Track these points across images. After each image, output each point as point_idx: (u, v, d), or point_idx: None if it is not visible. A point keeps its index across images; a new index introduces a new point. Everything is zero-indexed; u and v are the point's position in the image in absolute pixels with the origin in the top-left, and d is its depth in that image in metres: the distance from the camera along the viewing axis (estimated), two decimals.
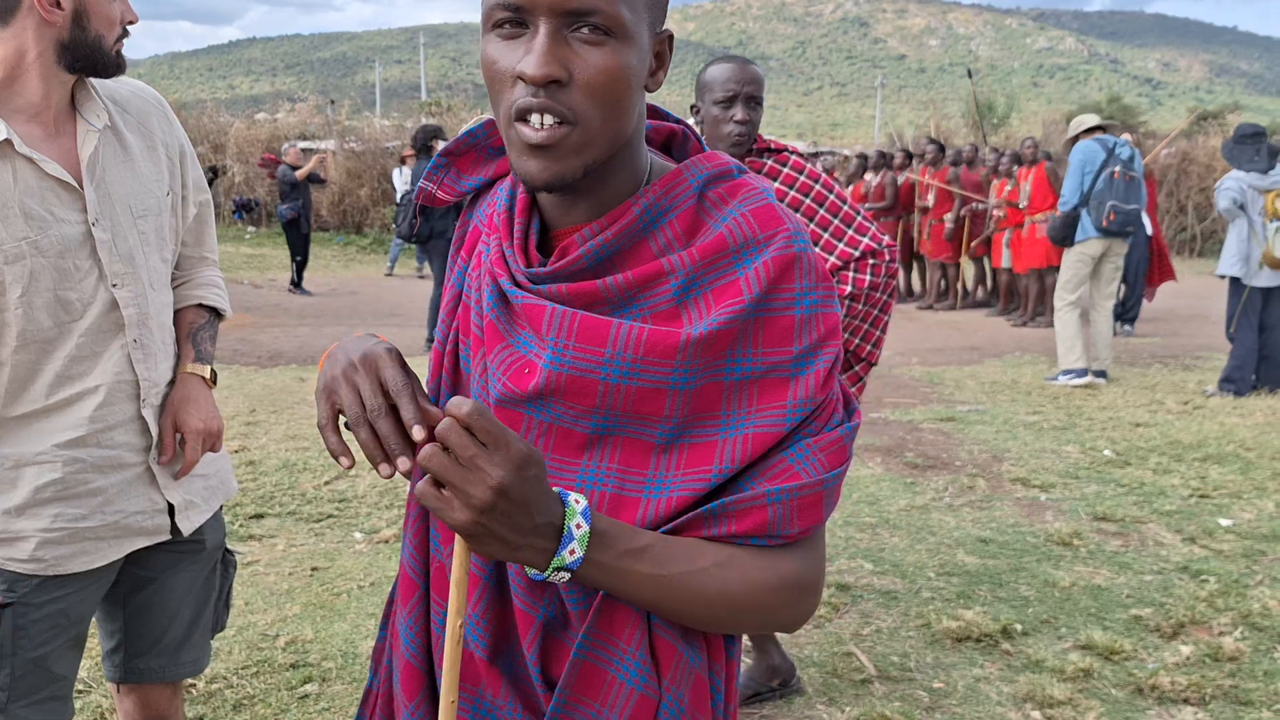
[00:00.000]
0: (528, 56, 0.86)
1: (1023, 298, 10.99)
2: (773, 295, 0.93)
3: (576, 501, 0.88)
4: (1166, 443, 5.69)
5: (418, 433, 0.87)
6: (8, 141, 1.53)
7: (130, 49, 1.72)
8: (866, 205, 12.33)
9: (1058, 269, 10.61)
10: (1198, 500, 4.70)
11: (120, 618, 1.85)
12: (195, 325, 1.88)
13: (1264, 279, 6.82)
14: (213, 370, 1.86)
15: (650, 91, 0.96)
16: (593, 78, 0.87)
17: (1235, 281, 6.97)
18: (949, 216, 11.52)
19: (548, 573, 0.88)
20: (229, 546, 1.99)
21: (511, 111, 0.89)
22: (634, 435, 0.93)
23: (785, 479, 0.92)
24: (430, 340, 7.21)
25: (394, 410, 0.90)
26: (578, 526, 0.87)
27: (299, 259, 12.55)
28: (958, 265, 12.06)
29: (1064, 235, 7.12)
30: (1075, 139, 7.48)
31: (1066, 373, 7.26)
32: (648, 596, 0.91)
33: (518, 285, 0.97)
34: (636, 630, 0.94)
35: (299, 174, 12.44)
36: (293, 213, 12.33)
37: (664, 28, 0.96)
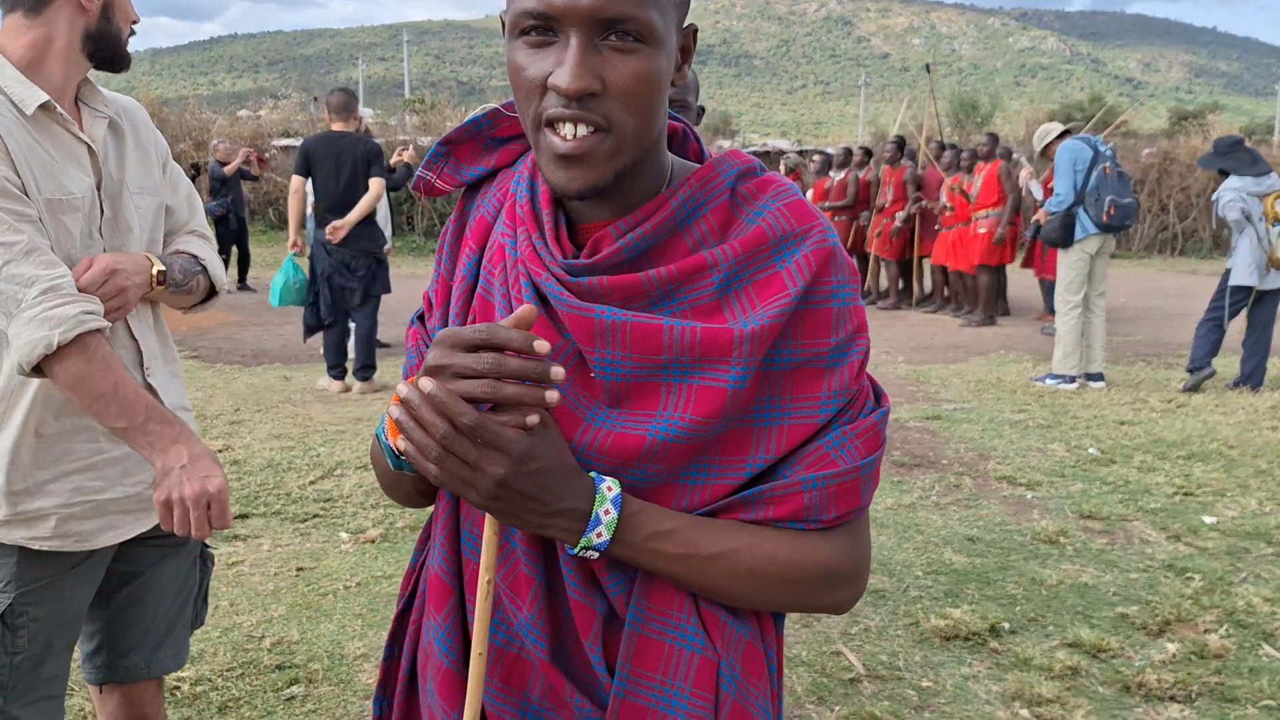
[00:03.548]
0: (560, 69, 0.86)
1: (969, 295, 11.01)
2: (813, 288, 0.94)
3: (609, 489, 0.92)
4: (1151, 441, 5.73)
5: (557, 372, 0.84)
6: (49, 103, 1.59)
7: None
8: (825, 204, 12.29)
9: (997, 269, 10.65)
10: (1182, 498, 4.73)
11: (102, 617, 1.84)
12: (171, 250, 1.84)
13: (1270, 281, 6.94)
14: (165, 273, 1.76)
15: (676, 87, 0.95)
16: (627, 85, 0.87)
17: (1237, 287, 7.05)
18: (899, 215, 11.54)
19: (577, 550, 0.92)
20: (206, 542, 1.98)
21: (541, 119, 0.89)
22: (689, 440, 0.93)
23: (822, 466, 0.94)
24: (333, 370, 6.90)
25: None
26: (605, 513, 0.91)
27: (224, 256, 12.42)
28: (907, 263, 12.04)
29: (1062, 237, 7.05)
30: (1049, 147, 7.56)
31: (1055, 376, 7.26)
32: (678, 575, 0.94)
33: (558, 280, 0.96)
34: (685, 599, 0.96)
35: (226, 169, 12.31)
36: (221, 209, 12.16)
37: (689, 23, 0.96)
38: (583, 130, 0.87)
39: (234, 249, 12.54)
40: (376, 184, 6.55)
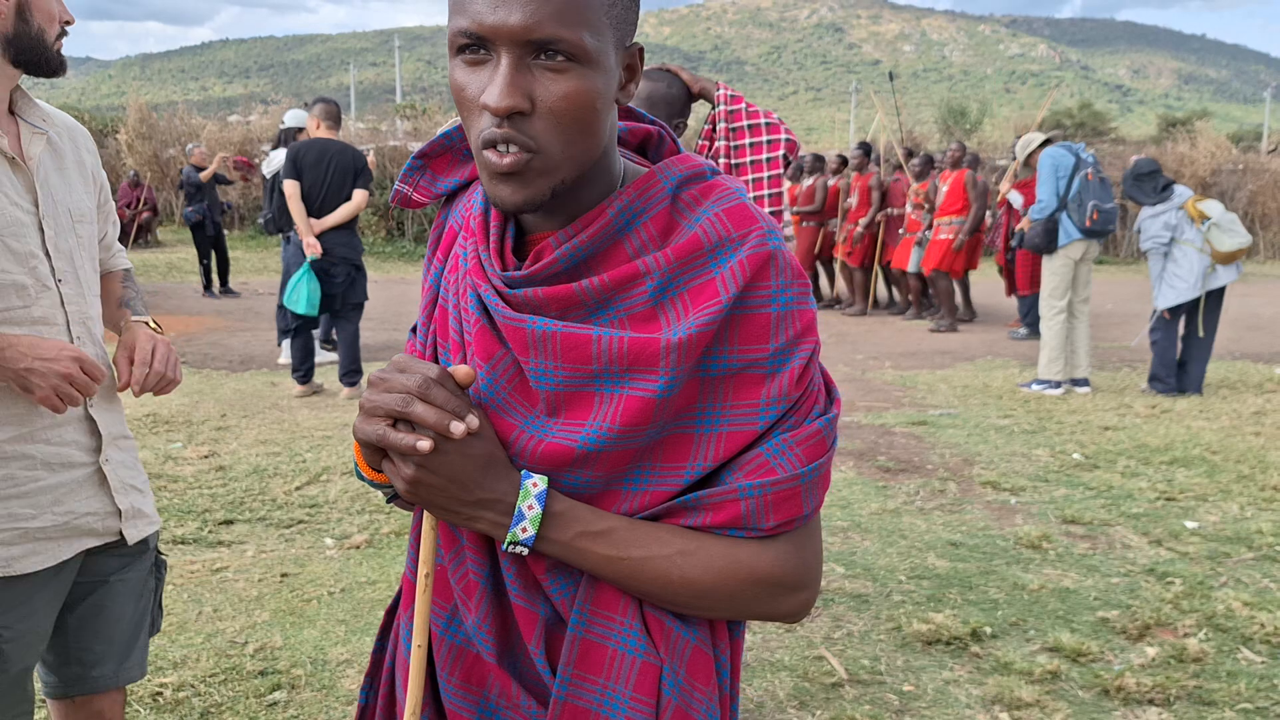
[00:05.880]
0: (490, 87, 0.87)
1: (943, 300, 11.04)
2: (749, 293, 0.94)
3: (534, 485, 0.94)
4: (1134, 446, 5.76)
5: (464, 424, 0.90)
6: None
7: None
8: (794, 208, 12.32)
9: (950, 274, 10.67)
10: (1164, 503, 4.76)
11: (64, 629, 1.82)
12: (121, 292, 1.93)
13: (1217, 279, 6.97)
14: (155, 322, 1.88)
15: (621, 104, 0.96)
16: (555, 105, 0.87)
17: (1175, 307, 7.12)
18: (863, 221, 11.58)
19: (505, 545, 0.95)
20: (160, 550, 1.99)
21: (480, 140, 0.90)
22: (618, 448, 0.94)
23: (761, 474, 0.94)
24: (296, 373, 6.98)
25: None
26: (529, 508, 0.93)
27: (205, 262, 12.34)
28: (869, 270, 12.04)
29: (1046, 243, 7.10)
30: (1032, 155, 7.63)
31: (1041, 382, 7.31)
32: (612, 576, 0.95)
33: (496, 292, 0.98)
34: (629, 603, 0.97)
35: (202, 174, 12.26)
36: (198, 215, 12.08)
37: (633, 41, 0.96)
38: (513, 149, 0.88)
39: (213, 254, 12.49)
40: (360, 195, 6.61)
